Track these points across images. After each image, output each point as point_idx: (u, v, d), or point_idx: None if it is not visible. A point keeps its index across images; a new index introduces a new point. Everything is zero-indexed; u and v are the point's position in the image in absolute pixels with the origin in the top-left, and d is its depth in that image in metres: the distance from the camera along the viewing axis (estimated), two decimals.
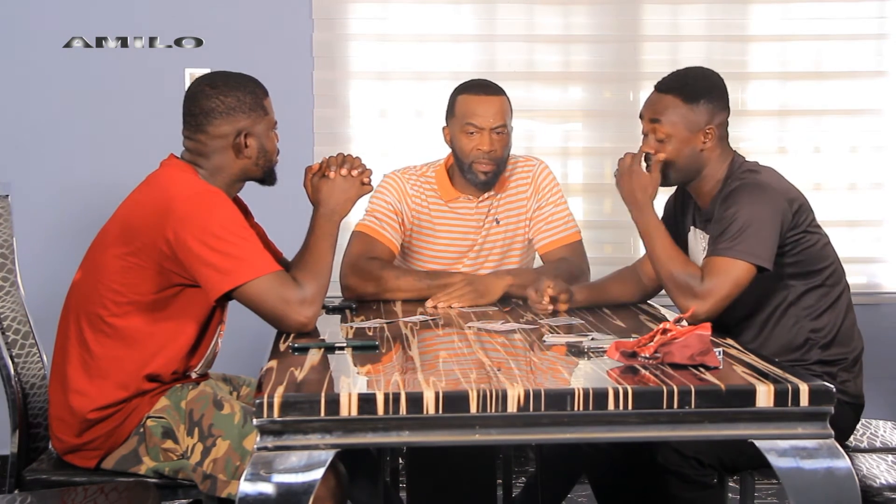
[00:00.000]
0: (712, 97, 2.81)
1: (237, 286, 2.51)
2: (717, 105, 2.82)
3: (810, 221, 2.77)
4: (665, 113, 2.80)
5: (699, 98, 2.80)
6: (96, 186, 4.05)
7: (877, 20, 4.29)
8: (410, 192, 3.34)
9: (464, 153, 3.24)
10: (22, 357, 2.78)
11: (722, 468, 2.71)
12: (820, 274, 2.76)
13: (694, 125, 2.79)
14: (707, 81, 2.84)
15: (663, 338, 2.20)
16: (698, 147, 2.80)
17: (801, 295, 2.75)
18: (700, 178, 2.85)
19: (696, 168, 2.83)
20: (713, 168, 2.83)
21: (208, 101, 2.66)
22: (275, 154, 2.74)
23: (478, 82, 3.31)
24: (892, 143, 4.32)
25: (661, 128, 2.81)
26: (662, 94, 2.83)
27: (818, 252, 2.76)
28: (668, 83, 2.84)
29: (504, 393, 2.00)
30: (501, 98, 3.25)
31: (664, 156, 2.80)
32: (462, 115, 3.24)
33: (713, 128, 2.80)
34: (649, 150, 2.83)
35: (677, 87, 2.82)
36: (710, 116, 2.80)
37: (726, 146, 2.86)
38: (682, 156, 2.81)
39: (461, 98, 3.27)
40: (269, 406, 1.99)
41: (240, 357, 3.45)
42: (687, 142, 2.80)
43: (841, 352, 2.76)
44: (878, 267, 4.35)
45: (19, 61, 4.13)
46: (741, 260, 2.63)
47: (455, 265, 3.32)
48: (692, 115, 2.79)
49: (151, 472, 2.57)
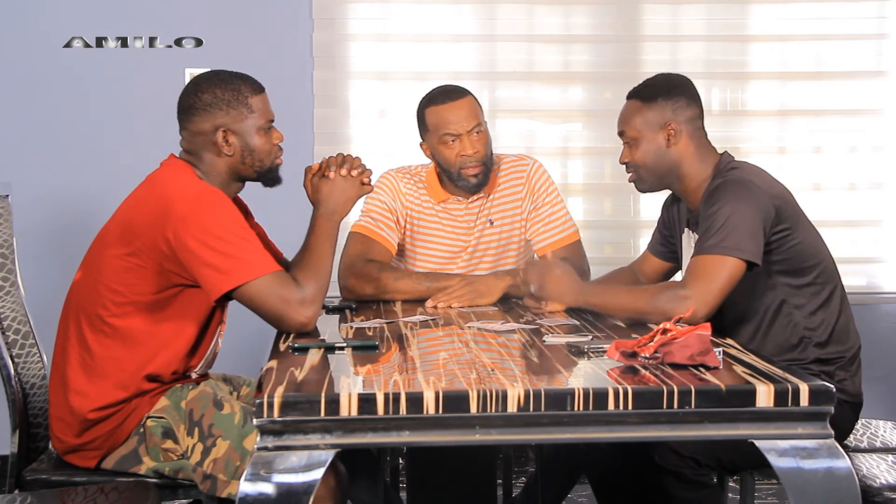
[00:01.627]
0: (671, 95, 2.86)
1: (237, 286, 2.51)
2: (678, 102, 2.85)
3: (796, 218, 2.76)
4: (629, 119, 2.89)
5: (657, 97, 2.86)
6: (96, 186, 4.06)
7: (877, 20, 4.29)
8: (404, 190, 3.34)
9: (449, 163, 3.24)
10: (22, 357, 2.78)
11: (721, 468, 2.71)
12: (810, 272, 2.75)
13: (654, 124, 2.85)
14: (666, 81, 2.91)
15: (663, 338, 2.20)
16: (663, 145, 2.84)
17: (792, 294, 2.75)
18: (680, 178, 2.86)
19: (667, 167, 2.86)
20: (693, 167, 2.84)
21: (188, 98, 2.68)
22: (268, 155, 2.70)
23: (441, 90, 3.28)
24: (891, 143, 4.32)
25: (628, 132, 2.88)
26: (628, 102, 2.92)
27: (806, 249, 2.75)
28: (631, 91, 2.93)
29: (504, 393, 2.00)
30: (469, 98, 3.25)
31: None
32: (436, 128, 3.22)
33: (676, 124, 2.83)
34: (624, 158, 2.91)
35: (636, 92, 2.91)
36: (672, 113, 2.84)
37: (705, 145, 2.88)
38: (649, 155, 2.85)
39: (430, 111, 3.25)
40: (269, 406, 1.99)
41: (240, 357, 3.45)
42: (651, 141, 2.85)
43: (837, 350, 2.76)
44: (878, 267, 4.34)
45: (19, 61, 4.14)
46: (729, 256, 2.63)
47: (448, 266, 3.32)
48: (651, 113, 2.85)
49: (151, 472, 2.58)
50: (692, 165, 2.85)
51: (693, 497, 2.66)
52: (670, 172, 2.86)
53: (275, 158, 2.73)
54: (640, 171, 2.88)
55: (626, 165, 2.92)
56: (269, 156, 2.72)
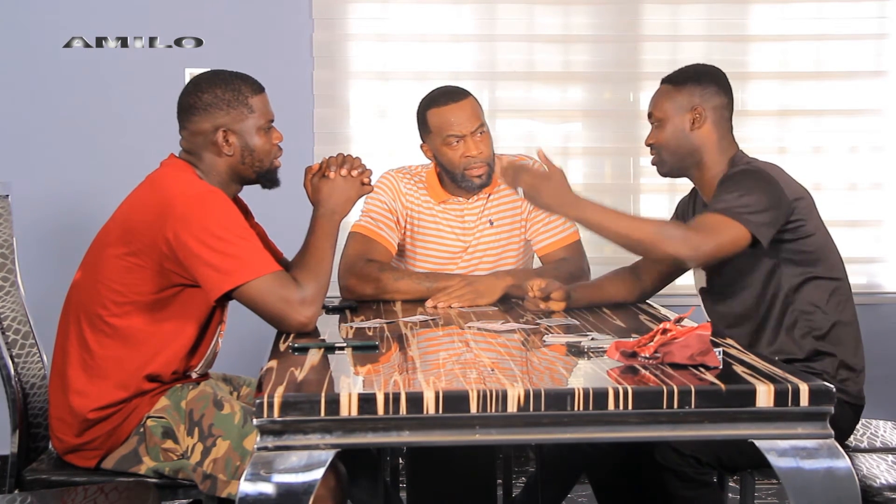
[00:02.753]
0: (701, 81, 2.90)
1: (237, 286, 2.51)
2: (708, 89, 2.88)
3: (810, 213, 2.77)
4: (658, 101, 2.93)
5: (686, 81, 2.90)
6: (96, 186, 4.05)
7: (877, 20, 4.30)
8: (404, 190, 3.34)
9: (453, 164, 3.24)
10: (22, 357, 2.78)
11: (721, 467, 2.71)
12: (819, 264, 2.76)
13: (681, 106, 2.88)
14: (698, 68, 2.96)
15: (663, 338, 2.20)
16: (687, 127, 2.87)
17: (800, 285, 2.75)
18: (700, 166, 2.88)
19: (688, 150, 2.87)
20: (712, 157, 2.86)
21: (188, 98, 2.68)
22: (267, 155, 2.70)
23: (442, 91, 3.28)
24: (891, 143, 4.32)
25: (655, 114, 2.92)
26: (659, 87, 2.96)
27: (817, 242, 2.77)
28: (665, 77, 2.97)
29: (504, 393, 2.00)
30: (470, 99, 3.25)
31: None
32: (439, 129, 3.22)
33: (702, 109, 2.86)
34: (649, 140, 2.93)
35: (669, 77, 2.95)
36: (699, 98, 2.87)
37: (728, 137, 2.90)
38: (672, 136, 2.88)
39: (432, 112, 3.24)
40: (269, 406, 1.99)
41: (240, 357, 3.45)
42: (676, 123, 2.88)
43: (839, 350, 2.76)
44: (878, 267, 4.35)
45: (19, 61, 4.14)
46: (737, 221, 2.65)
47: (448, 266, 3.32)
48: (679, 96, 2.89)
49: (151, 472, 2.57)
50: (712, 154, 2.87)
51: (693, 496, 2.66)
52: (690, 156, 2.88)
53: (274, 158, 2.73)
54: (661, 152, 2.91)
55: (650, 147, 2.94)
56: (269, 156, 2.72)
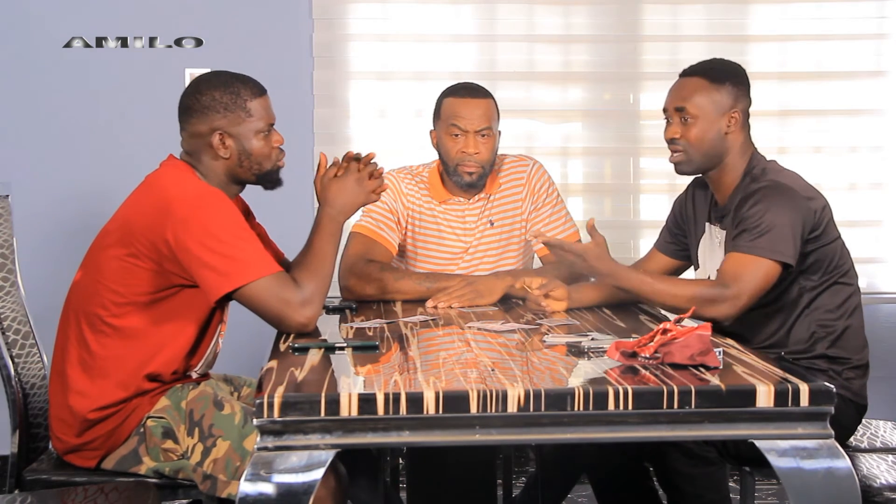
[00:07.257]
0: (736, 81, 2.84)
1: (237, 288, 2.51)
2: (741, 91, 2.84)
3: (827, 221, 2.77)
4: (692, 95, 2.82)
5: (725, 80, 2.82)
6: (96, 186, 4.05)
7: (877, 20, 4.29)
8: (406, 191, 3.34)
9: (448, 156, 3.25)
10: (22, 357, 2.78)
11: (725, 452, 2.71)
12: (836, 271, 2.77)
13: (720, 106, 2.81)
14: (731, 66, 2.88)
15: (663, 338, 2.20)
16: (723, 130, 2.81)
17: (816, 291, 2.75)
18: (721, 167, 2.85)
19: (719, 153, 2.83)
20: (735, 158, 2.84)
21: (187, 99, 2.68)
22: (266, 158, 2.69)
23: (464, 85, 3.30)
24: (892, 143, 4.32)
25: (689, 109, 2.81)
26: (688, 79, 2.86)
27: (835, 250, 2.77)
28: (692, 69, 2.88)
29: (504, 393, 2.00)
30: (488, 101, 3.25)
31: (592, 222, 2.77)
32: (447, 118, 3.24)
33: (738, 112, 2.82)
34: (674, 134, 2.84)
35: (702, 71, 2.85)
36: (735, 100, 2.82)
37: (748, 139, 2.88)
38: (708, 137, 2.81)
39: (447, 101, 3.27)
40: (270, 406, 1.99)
41: (240, 357, 3.45)
42: (713, 123, 2.81)
43: (847, 352, 2.77)
44: (878, 267, 4.34)
45: (19, 61, 4.13)
46: (766, 258, 2.64)
47: (449, 266, 3.32)
48: (718, 95, 2.81)
49: (151, 472, 2.57)
50: (735, 157, 2.84)
51: (698, 473, 2.68)
52: (717, 158, 2.84)
53: (276, 161, 2.72)
54: (690, 150, 2.83)
55: (670, 142, 2.86)
56: (268, 159, 2.70)
